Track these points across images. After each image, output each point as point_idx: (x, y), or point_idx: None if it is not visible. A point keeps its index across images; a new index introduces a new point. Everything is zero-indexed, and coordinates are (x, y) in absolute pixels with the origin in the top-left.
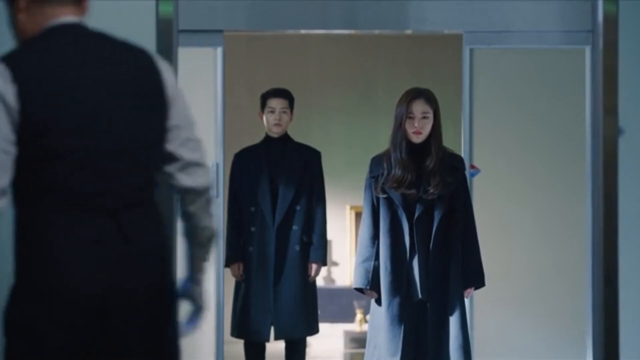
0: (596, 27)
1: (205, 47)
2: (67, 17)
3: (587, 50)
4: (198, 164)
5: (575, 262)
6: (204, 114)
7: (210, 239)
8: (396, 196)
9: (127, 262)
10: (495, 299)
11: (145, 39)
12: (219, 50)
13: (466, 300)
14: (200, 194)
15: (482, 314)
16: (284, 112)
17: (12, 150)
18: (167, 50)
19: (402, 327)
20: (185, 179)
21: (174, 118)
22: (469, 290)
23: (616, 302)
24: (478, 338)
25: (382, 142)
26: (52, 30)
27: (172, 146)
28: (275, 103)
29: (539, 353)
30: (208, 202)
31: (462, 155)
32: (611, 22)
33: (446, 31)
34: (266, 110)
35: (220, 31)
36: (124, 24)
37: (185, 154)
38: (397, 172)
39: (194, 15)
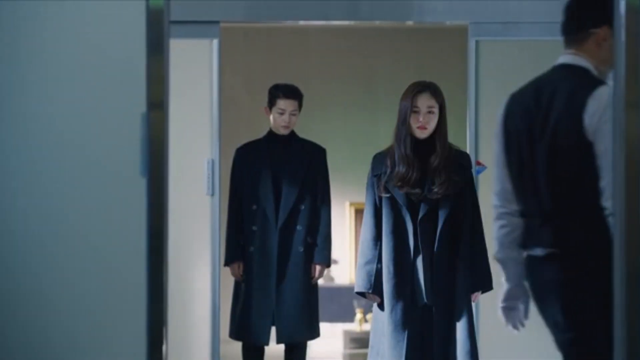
0: (618, 18)
1: (200, 39)
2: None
3: None
4: None
5: None
6: (199, 108)
7: None
8: (400, 195)
9: None
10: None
11: (135, 30)
12: (215, 42)
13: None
14: None
15: (486, 314)
16: (294, 114)
17: None
18: (158, 42)
19: (406, 333)
20: None
21: None
22: (476, 294)
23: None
24: (482, 339)
25: (383, 137)
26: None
27: None
28: (286, 105)
29: (542, 354)
30: None
31: (467, 151)
32: (634, 14)
33: (450, 22)
34: (275, 109)
35: (217, 22)
36: (111, 15)
37: None
38: (400, 169)
39: (189, 6)
